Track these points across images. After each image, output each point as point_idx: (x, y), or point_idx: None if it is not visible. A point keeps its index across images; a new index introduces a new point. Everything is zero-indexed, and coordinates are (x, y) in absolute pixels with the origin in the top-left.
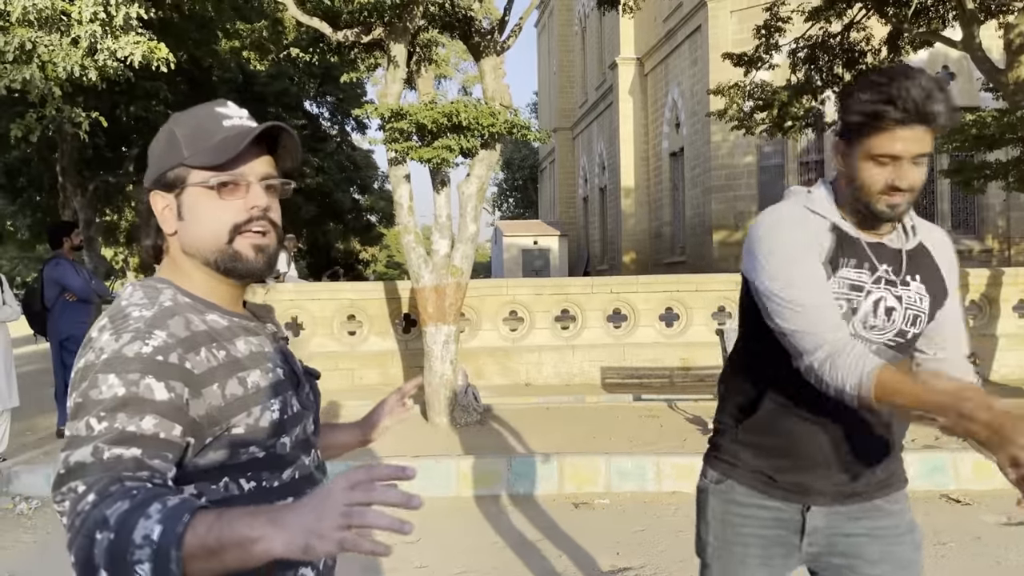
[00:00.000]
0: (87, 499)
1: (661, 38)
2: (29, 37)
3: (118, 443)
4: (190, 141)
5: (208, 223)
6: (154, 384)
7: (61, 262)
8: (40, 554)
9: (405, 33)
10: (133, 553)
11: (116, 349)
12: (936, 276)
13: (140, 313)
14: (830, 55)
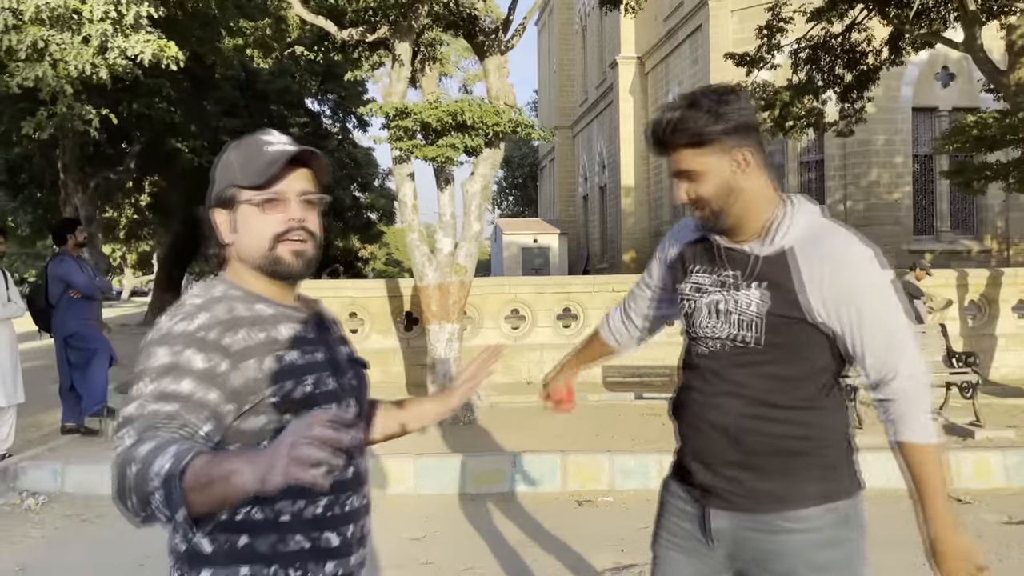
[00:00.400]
0: (127, 443)
1: (662, 37)
2: (41, 36)
3: (158, 399)
4: (240, 166)
5: (254, 234)
6: (193, 355)
7: (66, 259)
8: (49, 549)
9: (410, 32)
10: (150, 483)
11: (168, 328)
12: (786, 285)
13: (192, 301)
14: (831, 56)
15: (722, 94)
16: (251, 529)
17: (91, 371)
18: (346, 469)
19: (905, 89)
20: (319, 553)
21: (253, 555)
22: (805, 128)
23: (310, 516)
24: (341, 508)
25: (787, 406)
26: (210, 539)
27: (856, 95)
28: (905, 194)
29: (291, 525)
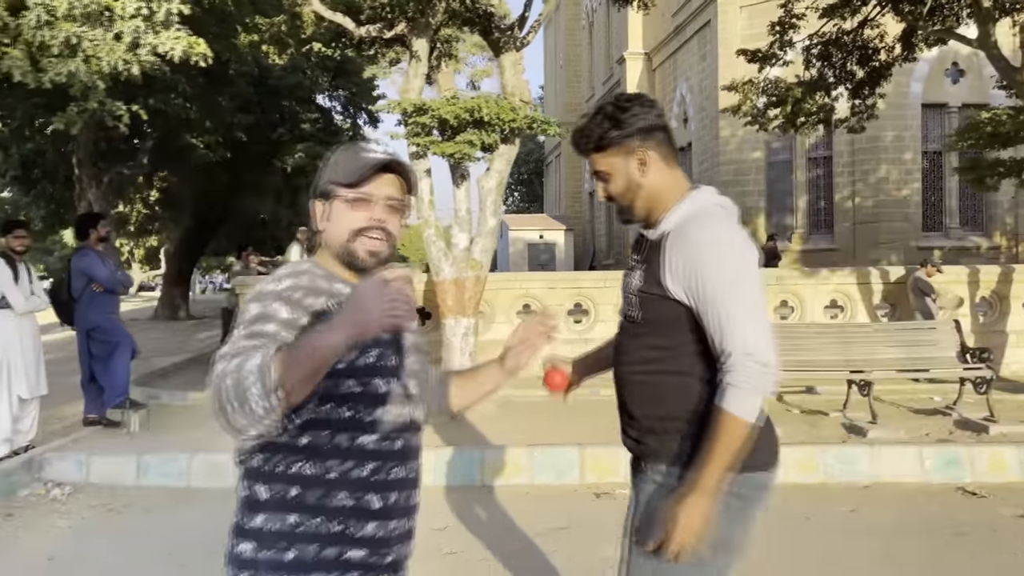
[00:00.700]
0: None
1: (670, 33)
2: (74, 32)
3: (247, 338)
4: (342, 166)
5: (339, 226)
6: (280, 307)
7: (88, 253)
8: (77, 538)
9: (427, 28)
10: (245, 380)
11: (261, 289)
12: (655, 267)
13: (282, 271)
14: (844, 52)
15: (622, 102)
16: (301, 482)
17: (113, 363)
18: (394, 441)
19: (915, 85)
20: (361, 512)
21: (301, 506)
22: (816, 124)
23: (355, 477)
24: (386, 475)
25: (661, 373)
26: (267, 488)
27: (868, 91)
28: (914, 190)
29: (337, 483)
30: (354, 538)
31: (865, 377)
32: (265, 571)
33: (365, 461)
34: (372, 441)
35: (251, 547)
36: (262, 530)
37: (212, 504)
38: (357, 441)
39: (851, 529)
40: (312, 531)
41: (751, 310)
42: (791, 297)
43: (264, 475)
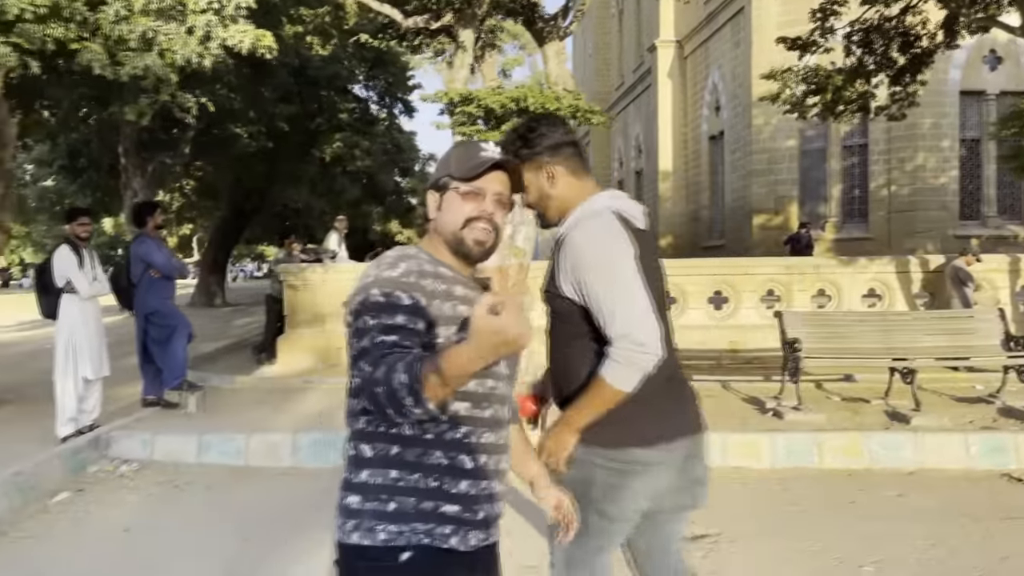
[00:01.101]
0: (366, 371)
1: (702, 20)
2: (150, 27)
3: (383, 332)
4: (457, 161)
5: (452, 215)
6: (401, 294)
7: (146, 240)
8: (148, 511)
9: (473, 19)
10: (398, 392)
11: (377, 274)
12: (553, 266)
13: (393, 257)
14: (885, 39)
15: (531, 124)
16: (402, 442)
17: (171, 347)
18: (484, 409)
19: (953, 72)
20: (454, 471)
21: (401, 463)
22: (856, 112)
23: (448, 439)
24: (476, 439)
25: (572, 360)
26: (371, 447)
27: (909, 78)
28: (951, 179)
29: (433, 443)
30: (449, 494)
31: (908, 365)
32: (369, 520)
33: (458, 425)
34: (464, 408)
35: (358, 499)
36: (367, 484)
37: (269, 482)
38: (451, 407)
39: (897, 513)
40: (411, 485)
41: (622, 295)
42: (828, 286)
43: (368, 435)
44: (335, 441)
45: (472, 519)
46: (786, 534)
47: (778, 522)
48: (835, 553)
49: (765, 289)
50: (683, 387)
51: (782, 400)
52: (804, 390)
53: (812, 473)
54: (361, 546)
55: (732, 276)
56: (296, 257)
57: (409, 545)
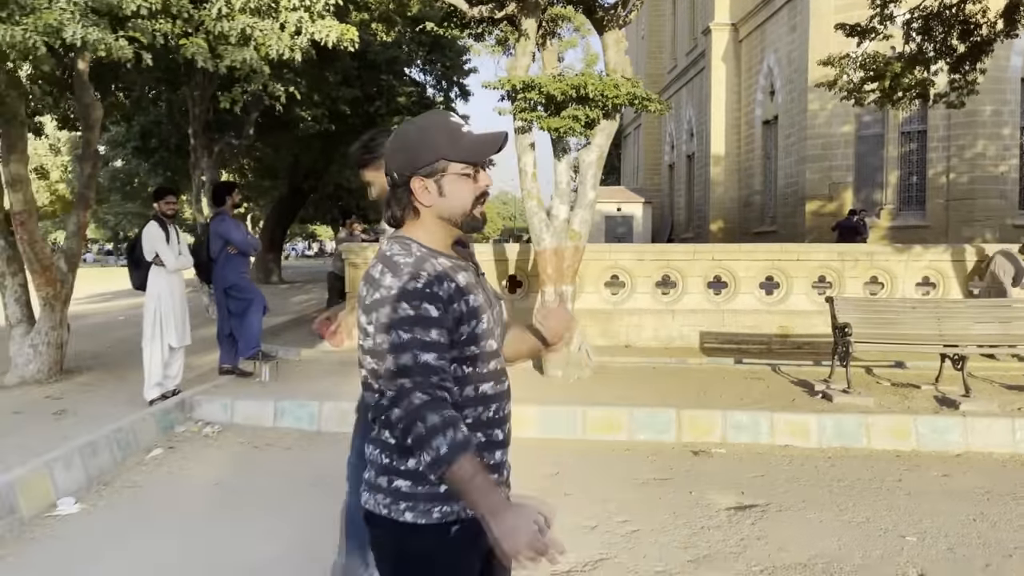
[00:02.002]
0: (414, 395)
1: (759, 4)
2: (248, 24)
3: (423, 349)
4: (448, 143)
5: (459, 198)
6: (429, 307)
7: (225, 218)
8: (234, 468)
9: (536, 9)
10: (429, 446)
11: (401, 286)
12: None
13: (404, 260)
14: (945, 26)
15: (374, 135)
16: None
17: (248, 319)
18: (502, 383)
19: (1015, 59)
20: (491, 444)
21: None
22: (914, 99)
23: (484, 419)
24: (502, 412)
25: None
26: None
27: (969, 66)
28: (1012, 167)
29: (472, 425)
30: (489, 465)
31: (960, 351)
32: (424, 502)
33: (489, 404)
34: (489, 387)
35: (408, 484)
36: (417, 470)
37: (342, 445)
38: (480, 390)
39: (942, 492)
40: None
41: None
42: (881, 273)
43: None
44: None
45: (503, 481)
46: (832, 506)
47: (824, 495)
48: (879, 524)
49: (817, 275)
50: None
51: (831, 383)
52: (854, 375)
53: (859, 453)
54: (416, 524)
55: (784, 262)
56: (358, 237)
57: (459, 519)
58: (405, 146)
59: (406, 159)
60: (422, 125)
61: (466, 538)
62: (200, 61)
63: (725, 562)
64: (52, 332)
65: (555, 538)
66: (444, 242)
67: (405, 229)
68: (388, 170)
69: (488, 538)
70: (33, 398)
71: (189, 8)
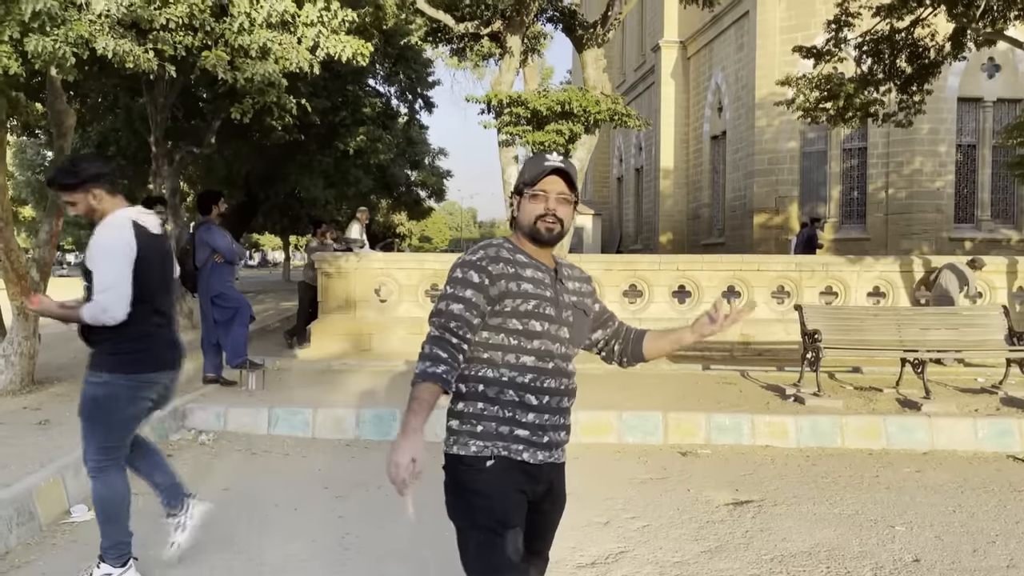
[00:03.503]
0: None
1: (707, 23)
2: (269, 38)
3: (453, 300)
4: (527, 172)
5: (526, 214)
6: (472, 274)
7: (212, 227)
8: (238, 475)
9: (521, 27)
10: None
11: (463, 258)
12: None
13: (481, 244)
14: (895, 49)
15: (77, 160)
16: (485, 382)
17: (234, 328)
18: (547, 362)
19: (952, 79)
20: (523, 406)
21: (485, 398)
22: (864, 119)
23: (519, 382)
24: (540, 383)
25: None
26: (464, 385)
27: (916, 87)
28: (947, 183)
29: (507, 383)
30: (520, 422)
31: (919, 356)
32: (464, 437)
33: (526, 373)
34: (530, 360)
35: (456, 423)
36: (462, 412)
37: (339, 451)
38: (520, 360)
39: (918, 486)
40: (492, 415)
41: (108, 274)
42: (835, 283)
43: (463, 376)
44: (393, 416)
45: (539, 441)
46: (822, 500)
47: (813, 491)
48: (868, 515)
49: (776, 285)
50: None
51: (802, 387)
52: (820, 379)
53: (835, 452)
54: (459, 455)
55: (745, 272)
56: (329, 246)
57: (493, 455)
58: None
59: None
60: (530, 159)
61: (500, 469)
62: (220, 73)
63: (736, 552)
64: (25, 342)
65: (409, 481)
66: (532, 248)
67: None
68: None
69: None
70: (9, 409)
71: (211, 22)
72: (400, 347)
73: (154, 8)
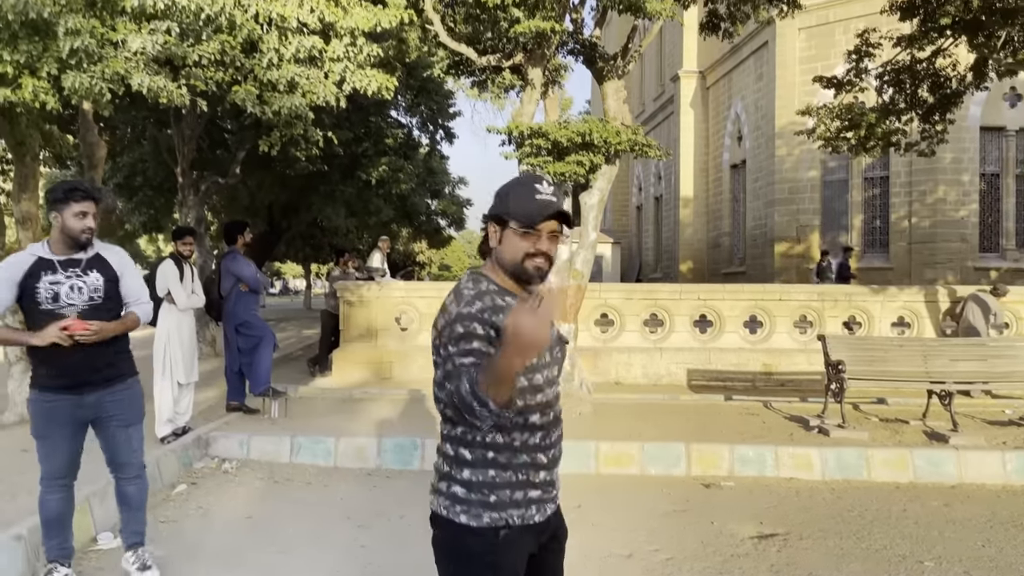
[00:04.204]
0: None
1: (726, 52)
2: (296, 73)
3: (462, 356)
4: (514, 202)
5: (511, 250)
6: (477, 327)
7: (237, 256)
8: (261, 503)
9: (542, 59)
10: (466, 399)
11: (458, 311)
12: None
13: (469, 292)
14: (916, 79)
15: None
16: (495, 448)
17: (258, 356)
18: (549, 414)
19: (973, 109)
20: (536, 466)
21: (496, 464)
22: (886, 148)
23: (531, 443)
24: (548, 440)
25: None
26: (469, 451)
27: (939, 117)
28: (971, 212)
29: (520, 448)
30: (533, 483)
31: (946, 388)
32: (476, 508)
33: (535, 432)
34: (536, 418)
35: (463, 491)
36: (471, 481)
37: (361, 481)
38: (529, 420)
39: (946, 520)
40: (505, 482)
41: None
42: (859, 313)
43: (467, 442)
44: (415, 445)
45: (547, 496)
46: (849, 534)
47: (839, 524)
48: (896, 551)
49: (798, 315)
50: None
51: (826, 418)
52: (844, 410)
53: (861, 485)
54: (469, 526)
55: (767, 301)
56: (351, 275)
57: (506, 525)
58: (498, 193)
59: (493, 204)
60: (513, 181)
61: (511, 541)
62: (249, 106)
63: None
64: None
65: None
66: (512, 285)
67: (485, 265)
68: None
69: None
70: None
71: (241, 58)
72: (420, 375)
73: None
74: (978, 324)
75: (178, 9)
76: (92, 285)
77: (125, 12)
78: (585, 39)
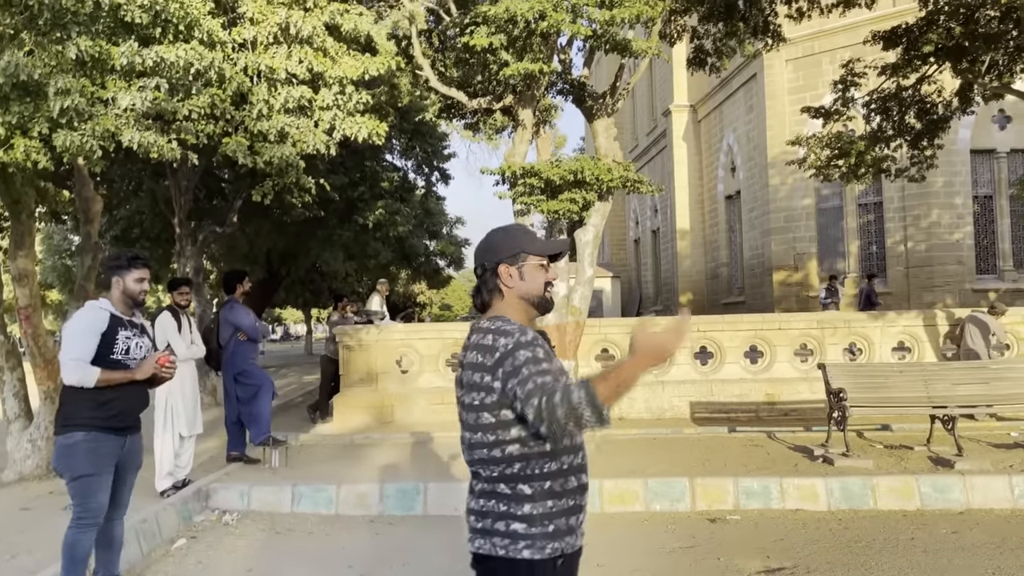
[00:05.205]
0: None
1: (716, 86)
2: (286, 123)
3: (539, 374)
4: (527, 241)
5: (535, 282)
6: (537, 349)
7: (235, 306)
8: (262, 555)
9: (532, 100)
10: (578, 409)
11: (516, 340)
12: None
13: (510, 327)
14: (902, 106)
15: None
16: (552, 477)
17: (257, 405)
18: (576, 437)
19: (963, 132)
20: (581, 489)
21: (553, 493)
22: (877, 174)
23: (576, 464)
24: (583, 459)
25: None
26: (529, 486)
27: (926, 142)
28: (966, 234)
29: (569, 471)
30: (580, 507)
31: (948, 412)
32: (540, 541)
33: (577, 452)
34: (579, 437)
35: (524, 527)
36: (532, 515)
37: (363, 528)
38: (574, 440)
39: (956, 548)
40: (561, 509)
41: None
42: (859, 339)
43: (526, 477)
44: (417, 489)
45: (583, 520)
46: (857, 566)
47: (847, 556)
48: None
49: (799, 343)
50: None
51: (830, 447)
52: (848, 438)
53: (868, 514)
54: (531, 560)
55: (766, 331)
56: (350, 319)
57: (563, 554)
58: (493, 242)
59: (494, 251)
60: (506, 229)
61: (566, 566)
62: (240, 157)
63: None
64: (51, 426)
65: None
66: (526, 320)
67: (493, 310)
68: (477, 263)
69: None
70: (36, 494)
71: (231, 110)
72: (422, 417)
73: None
74: (977, 346)
75: (167, 65)
76: (147, 345)
77: (115, 70)
78: (574, 79)
